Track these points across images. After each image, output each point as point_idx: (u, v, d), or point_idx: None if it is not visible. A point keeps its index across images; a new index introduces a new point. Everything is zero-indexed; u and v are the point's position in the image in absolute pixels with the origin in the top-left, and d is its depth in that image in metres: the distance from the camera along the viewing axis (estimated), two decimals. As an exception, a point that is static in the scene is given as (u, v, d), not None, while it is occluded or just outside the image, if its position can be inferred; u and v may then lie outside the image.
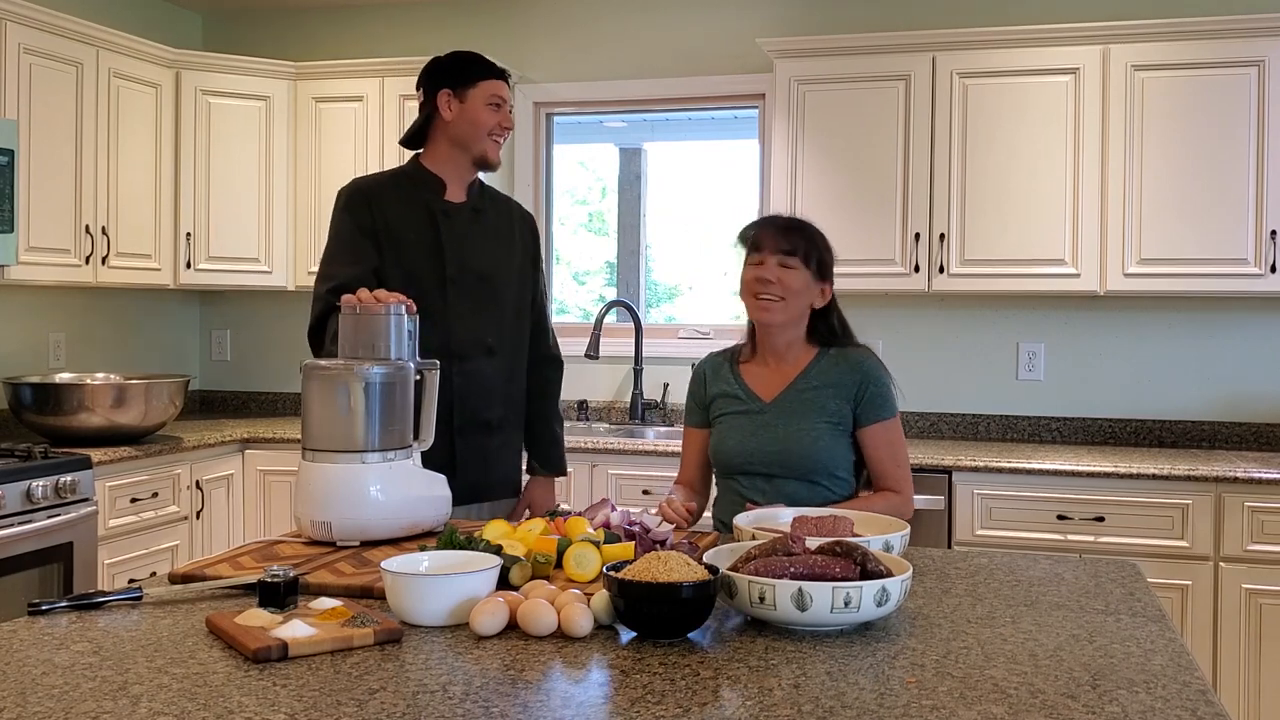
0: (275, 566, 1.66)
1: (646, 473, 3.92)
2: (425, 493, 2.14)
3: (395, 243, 2.54)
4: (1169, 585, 3.43)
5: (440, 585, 1.57)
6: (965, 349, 4.32)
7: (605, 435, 4.31)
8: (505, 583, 1.69)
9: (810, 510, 2.09)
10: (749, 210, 4.60)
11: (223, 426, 4.38)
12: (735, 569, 1.62)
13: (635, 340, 4.59)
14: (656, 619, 1.51)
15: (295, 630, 1.45)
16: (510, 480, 2.73)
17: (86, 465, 3.46)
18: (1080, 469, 3.56)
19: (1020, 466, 3.61)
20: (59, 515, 3.32)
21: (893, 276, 4.00)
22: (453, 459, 2.52)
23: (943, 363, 4.34)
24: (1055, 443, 4.16)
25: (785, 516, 2.05)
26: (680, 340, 4.65)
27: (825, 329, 2.46)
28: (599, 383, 4.66)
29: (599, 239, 5.66)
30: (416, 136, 2.65)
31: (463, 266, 2.58)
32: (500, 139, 2.62)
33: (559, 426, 2.86)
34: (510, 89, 2.65)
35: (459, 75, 2.58)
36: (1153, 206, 3.78)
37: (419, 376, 2.20)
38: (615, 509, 2.03)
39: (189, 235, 4.43)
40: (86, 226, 3.98)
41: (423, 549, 1.79)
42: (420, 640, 1.50)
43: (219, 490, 4.16)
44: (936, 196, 3.95)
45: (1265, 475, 3.42)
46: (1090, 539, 3.52)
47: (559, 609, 1.53)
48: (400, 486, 2.09)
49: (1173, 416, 4.13)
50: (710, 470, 2.54)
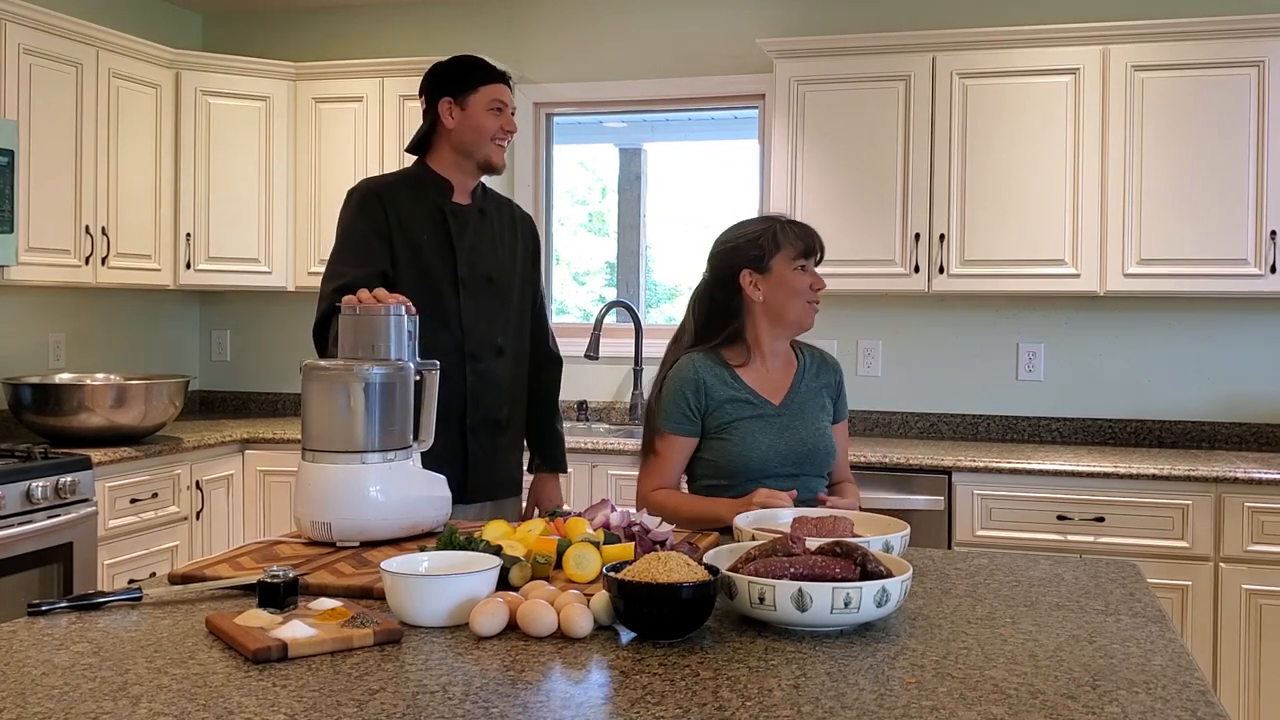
0: (275, 567, 1.66)
1: (646, 473, 3.92)
2: (425, 493, 2.14)
3: (410, 243, 2.56)
4: (1169, 585, 3.43)
5: (440, 586, 1.57)
6: (965, 349, 4.32)
7: (605, 435, 4.31)
8: (505, 583, 1.69)
9: (810, 511, 2.09)
10: (749, 211, 4.60)
11: (222, 427, 4.38)
12: (735, 569, 1.62)
13: (635, 341, 4.59)
14: (656, 619, 1.51)
15: (295, 631, 1.45)
16: (514, 479, 2.77)
17: (86, 466, 3.46)
18: (1080, 469, 3.56)
19: (1020, 467, 3.61)
20: (59, 515, 3.32)
21: (893, 277, 4.00)
22: (465, 458, 2.58)
23: (943, 363, 4.34)
24: (1055, 443, 4.16)
25: (785, 517, 2.06)
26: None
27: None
28: (599, 383, 4.66)
29: (599, 239, 5.66)
30: (422, 142, 2.67)
31: (472, 268, 2.61)
32: (503, 142, 2.64)
33: (560, 424, 2.91)
34: (511, 91, 2.66)
35: (459, 82, 2.60)
36: (1153, 206, 3.78)
37: (419, 377, 2.20)
38: (615, 509, 2.03)
39: (189, 235, 4.43)
40: (86, 227, 3.98)
41: (423, 549, 1.79)
42: (420, 641, 1.50)
43: (219, 490, 4.16)
44: (936, 197, 3.95)
45: (1265, 475, 3.42)
46: (1090, 539, 3.52)
47: (559, 609, 1.53)
48: (400, 487, 2.09)
49: (1173, 416, 4.13)
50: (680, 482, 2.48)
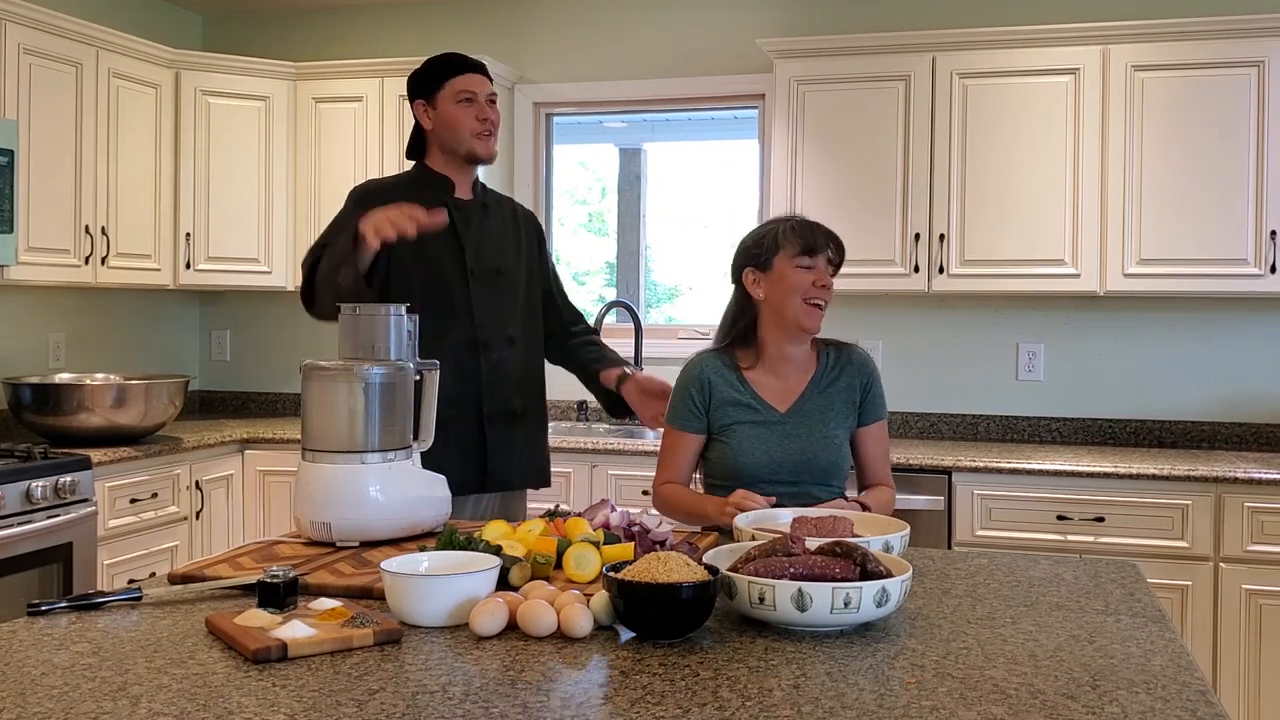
0: (275, 567, 1.66)
1: (646, 473, 3.92)
2: (425, 493, 2.14)
3: (414, 239, 2.50)
4: (1169, 586, 3.43)
5: (440, 586, 1.57)
6: (965, 349, 4.32)
7: (605, 435, 4.31)
8: (505, 583, 1.69)
9: (810, 511, 2.09)
10: (749, 210, 4.60)
11: (222, 427, 4.38)
12: (735, 569, 1.62)
13: (635, 341, 4.59)
14: (656, 619, 1.51)
15: (295, 631, 1.45)
16: (533, 469, 2.75)
17: (86, 465, 3.46)
18: (1080, 469, 3.56)
19: (1020, 467, 3.60)
20: (59, 515, 3.32)
21: (893, 277, 4.00)
22: (483, 448, 2.59)
23: (943, 363, 4.34)
24: (1055, 443, 4.16)
25: (785, 517, 2.05)
26: (680, 341, 4.65)
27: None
28: (599, 383, 4.65)
29: (599, 239, 5.66)
30: (415, 146, 2.70)
31: (481, 259, 2.63)
32: (485, 132, 2.61)
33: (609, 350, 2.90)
34: (488, 78, 2.64)
35: (426, 81, 2.62)
36: (1153, 206, 3.78)
37: (419, 377, 2.20)
38: (615, 509, 2.03)
39: (189, 235, 4.43)
40: (86, 227, 3.98)
41: (422, 549, 1.79)
42: (420, 641, 1.50)
43: (219, 490, 4.16)
44: (936, 197, 3.95)
45: (1265, 475, 3.42)
46: (1090, 539, 3.52)
47: (559, 609, 1.53)
48: (400, 487, 2.09)
49: (1173, 416, 4.13)
50: (693, 475, 2.50)
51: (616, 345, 4.61)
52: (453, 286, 2.58)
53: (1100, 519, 3.53)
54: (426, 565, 1.69)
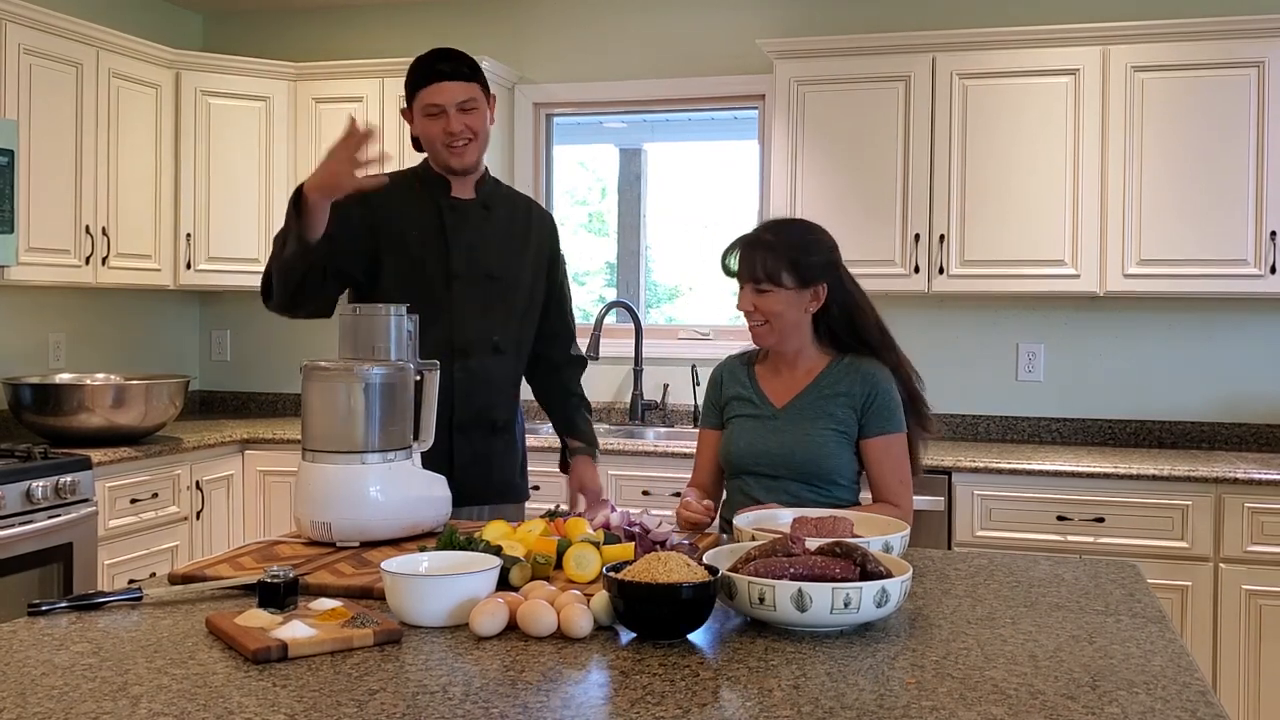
0: (275, 567, 1.66)
1: (646, 473, 3.92)
2: (425, 493, 2.14)
3: (396, 238, 2.51)
4: (1169, 586, 3.42)
5: (440, 586, 1.57)
6: (965, 350, 4.32)
7: (605, 436, 4.30)
8: (505, 583, 1.69)
9: (810, 511, 2.09)
10: (749, 211, 4.60)
11: (222, 427, 4.38)
12: (735, 570, 1.62)
13: (635, 341, 4.59)
14: (656, 620, 1.51)
15: (295, 631, 1.45)
16: (512, 484, 2.66)
17: (86, 466, 3.46)
18: (1080, 470, 3.56)
19: (1020, 467, 3.61)
20: (59, 516, 3.32)
21: (893, 277, 4.00)
22: (451, 458, 2.47)
23: (943, 363, 4.33)
24: (1055, 443, 4.16)
25: (785, 517, 2.05)
26: (680, 341, 4.65)
27: (831, 328, 2.42)
28: (599, 383, 4.65)
29: (599, 239, 5.66)
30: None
31: (470, 263, 2.54)
32: (454, 145, 2.49)
33: (587, 413, 2.79)
34: (463, 79, 2.47)
35: (407, 88, 2.54)
36: (1153, 207, 3.77)
37: (419, 376, 2.20)
38: (615, 510, 2.04)
39: (189, 236, 4.43)
40: (86, 227, 3.98)
41: (423, 550, 1.79)
42: (420, 641, 1.50)
43: (219, 491, 4.16)
44: (936, 197, 3.95)
45: (1265, 476, 3.42)
46: (1090, 540, 3.52)
47: (559, 610, 1.53)
48: (400, 487, 2.09)
49: (1172, 417, 4.13)
50: (723, 473, 2.53)
51: (617, 345, 4.65)
52: (433, 288, 2.49)
53: (1100, 519, 3.53)
54: (426, 565, 1.69)
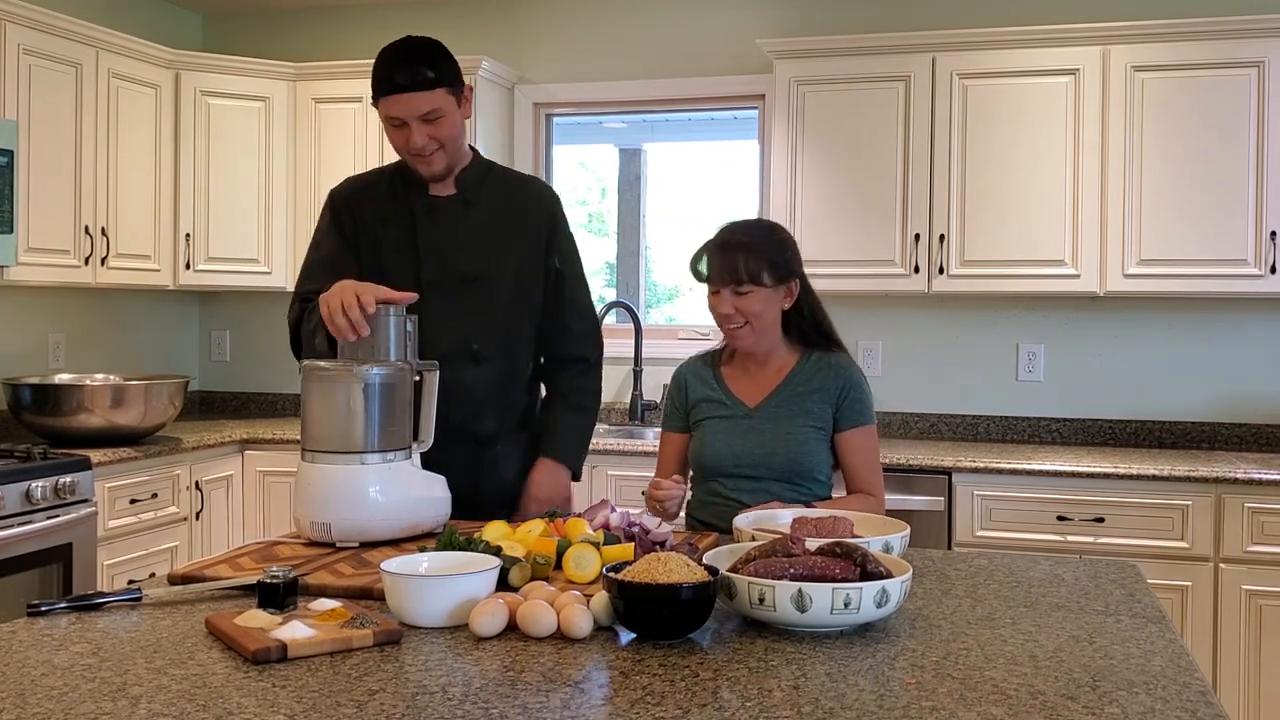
0: (275, 567, 1.66)
1: (646, 474, 3.90)
2: (424, 494, 2.14)
3: (373, 244, 2.43)
4: (1169, 586, 3.42)
5: (440, 586, 1.57)
6: (965, 350, 4.32)
7: (605, 436, 4.31)
8: (505, 584, 1.69)
9: (810, 511, 2.09)
10: (749, 211, 4.60)
11: (222, 427, 4.38)
12: (735, 570, 1.62)
13: (635, 341, 4.59)
14: (656, 620, 1.50)
15: (295, 631, 1.45)
16: (506, 495, 2.50)
17: (86, 466, 3.46)
18: (1080, 470, 3.56)
19: (1020, 467, 3.60)
20: (58, 516, 3.32)
21: (892, 278, 4.00)
22: (436, 472, 2.27)
23: (943, 363, 4.34)
24: (1055, 443, 4.16)
25: (785, 517, 2.05)
26: (680, 341, 4.65)
27: (800, 326, 2.45)
28: (599, 383, 4.66)
29: (599, 240, 5.66)
30: None
31: (443, 267, 2.40)
32: (418, 157, 2.35)
33: (576, 418, 2.55)
34: (425, 87, 2.34)
35: (371, 92, 2.40)
36: (1153, 207, 3.77)
37: (418, 377, 2.20)
38: (615, 510, 2.03)
39: (188, 236, 4.43)
40: (86, 227, 3.98)
41: (422, 550, 1.79)
42: (419, 641, 1.50)
43: (218, 491, 4.16)
44: (936, 197, 3.95)
45: (1265, 476, 3.42)
46: (1090, 540, 3.52)
47: (558, 610, 1.53)
48: (399, 487, 2.09)
49: (1173, 417, 4.13)
50: (686, 474, 2.54)
51: (617, 345, 4.65)
52: None
53: (1100, 519, 3.53)
54: (426, 566, 1.69)
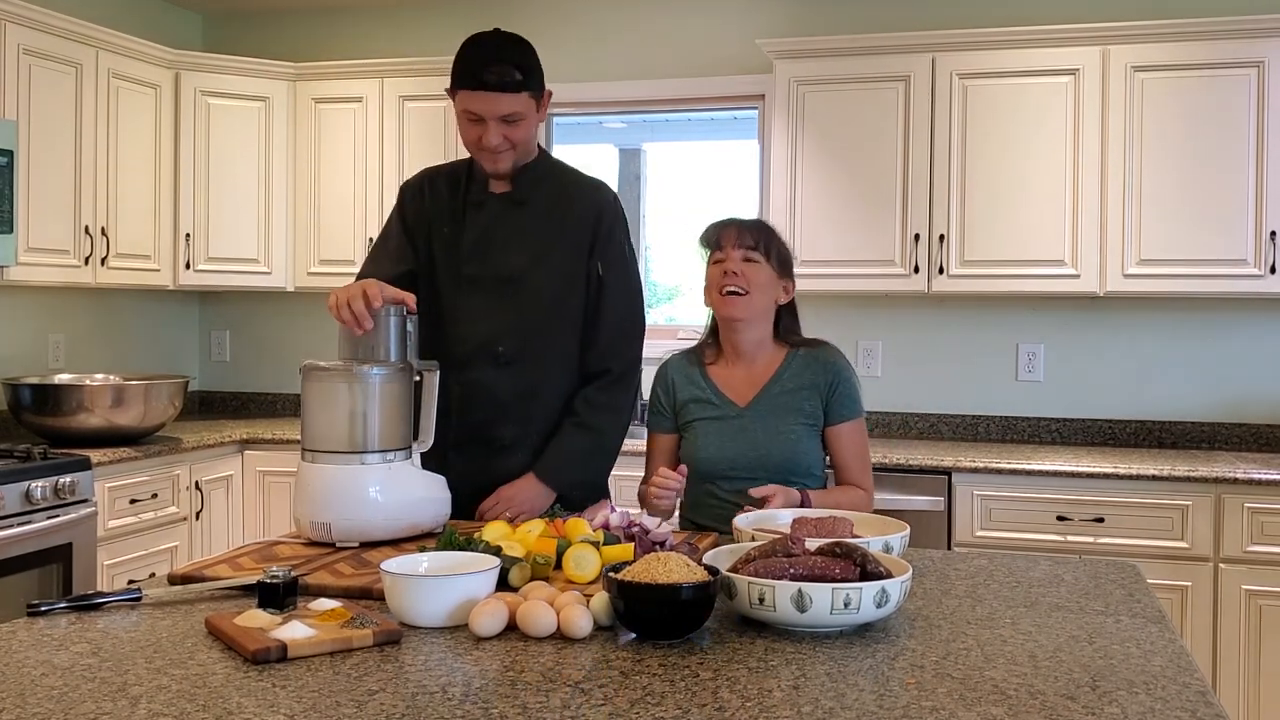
0: (274, 567, 1.66)
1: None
2: (424, 494, 2.14)
3: (427, 236, 2.41)
4: (1169, 586, 3.42)
5: (439, 586, 1.57)
6: (965, 350, 4.32)
7: (605, 436, 4.30)
8: (505, 584, 1.69)
9: (810, 511, 2.09)
10: (749, 211, 4.60)
11: (222, 427, 4.38)
12: (735, 570, 1.62)
13: (635, 341, 4.58)
14: (656, 620, 1.50)
15: (294, 631, 1.45)
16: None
17: (86, 466, 3.46)
18: (1080, 470, 3.56)
19: (1020, 467, 3.60)
20: (58, 516, 3.32)
21: (892, 278, 4.00)
22: (445, 476, 2.22)
23: (942, 363, 4.34)
24: (1055, 444, 4.16)
25: (785, 517, 2.05)
26: (680, 341, 4.63)
27: (788, 326, 2.47)
28: (599, 383, 4.65)
29: (599, 239, 5.66)
30: None
31: (483, 264, 2.35)
32: (487, 154, 2.29)
33: (577, 438, 2.37)
34: (510, 90, 2.25)
35: (452, 74, 2.30)
36: (1153, 206, 3.77)
37: (418, 377, 2.20)
38: (615, 510, 2.03)
39: (188, 236, 4.43)
40: (86, 227, 3.98)
41: (422, 550, 1.79)
42: (419, 641, 1.50)
43: (218, 491, 4.16)
44: (936, 197, 3.95)
45: (1265, 476, 3.42)
46: (1090, 540, 3.52)
47: (558, 610, 1.53)
48: (399, 487, 2.09)
49: (1172, 417, 4.13)
50: None
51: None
52: (442, 294, 2.35)
53: (1100, 519, 3.53)
54: (426, 566, 1.68)
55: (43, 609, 1.63)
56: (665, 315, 5.39)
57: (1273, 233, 3.68)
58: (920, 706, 1.27)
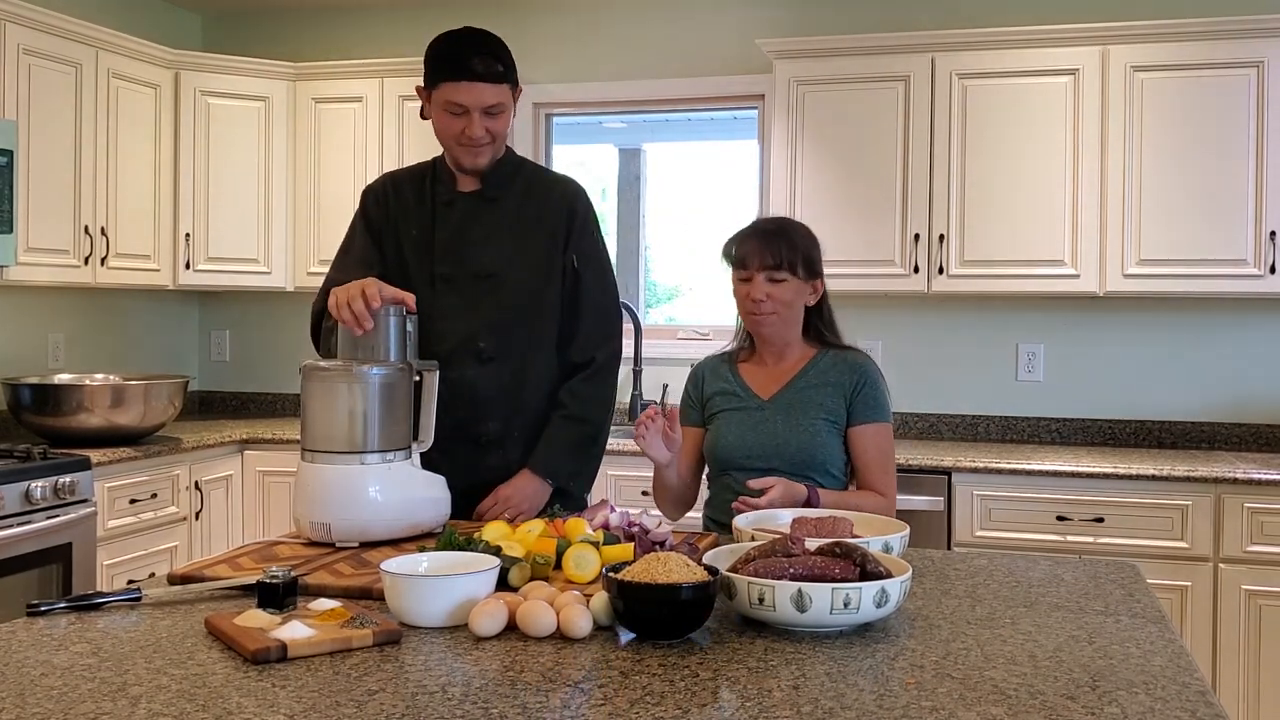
0: (274, 567, 1.66)
1: (646, 473, 3.88)
2: (424, 494, 2.14)
3: (396, 238, 2.43)
4: (1168, 586, 3.43)
5: (439, 586, 1.57)
6: (965, 350, 4.32)
7: (605, 436, 4.30)
8: (504, 584, 1.69)
9: (810, 511, 2.09)
10: (748, 211, 4.60)
11: (222, 427, 4.38)
12: (735, 570, 1.62)
13: (635, 341, 4.59)
14: (656, 620, 1.50)
15: (294, 631, 1.45)
16: None
17: (86, 466, 3.46)
18: (1080, 470, 3.56)
19: (1020, 467, 3.60)
20: (58, 516, 3.32)
21: (892, 278, 4.00)
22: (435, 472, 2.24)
23: (942, 364, 4.34)
24: (1055, 444, 4.16)
25: (785, 517, 2.05)
26: (679, 341, 4.65)
27: (818, 324, 2.49)
28: (598, 383, 4.65)
29: (598, 239, 5.66)
30: None
31: (457, 262, 2.37)
32: (470, 147, 2.32)
33: (568, 430, 2.40)
34: (493, 80, 2.30)
35: (427, 72, 2.35)
36: (1153, 207, 3.78)
37: (418, 377, 2.20)
38: (615, 510, 2.03)
39: (188, 236, 4.43)
40: (85, 227, 3.98)
41: (422, 550, 1.79)
42: (419, 641, 1.50)
43: (218, 491, 4.16)
44: (936, 197, 3.95)
45: (1265, 476, 3.42)
46: (1090, 540, 3.52)
47: (558, 610, 1.53)
48: (399, 487, 2.09)
49: (1172, 417, 4.13)
50: (700, 468, 2.55)
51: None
52: (419, 293, 2.29)
53: (1100, 519, 3.53)
54: (426, 566, 1.68)
55: (42, 609, 1.63)
56: (665, 315, 5.39)
57: (1273, 232, 3.68)
58: (920, 706, 1.27)
